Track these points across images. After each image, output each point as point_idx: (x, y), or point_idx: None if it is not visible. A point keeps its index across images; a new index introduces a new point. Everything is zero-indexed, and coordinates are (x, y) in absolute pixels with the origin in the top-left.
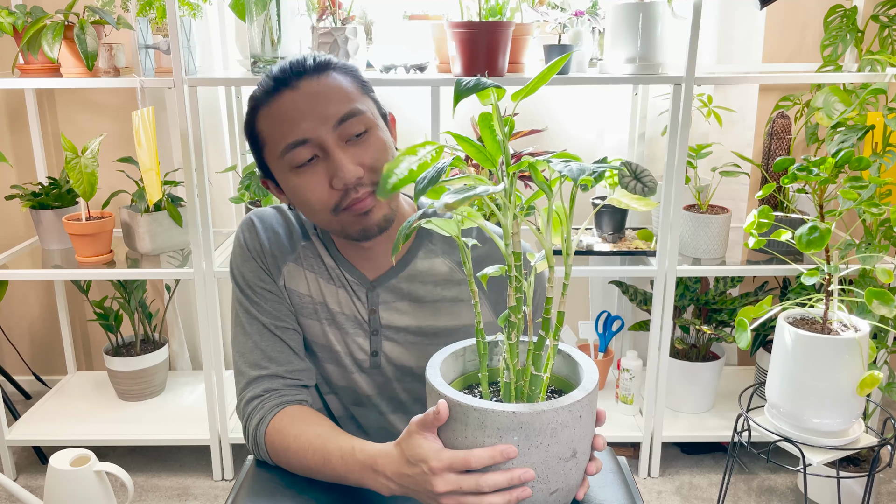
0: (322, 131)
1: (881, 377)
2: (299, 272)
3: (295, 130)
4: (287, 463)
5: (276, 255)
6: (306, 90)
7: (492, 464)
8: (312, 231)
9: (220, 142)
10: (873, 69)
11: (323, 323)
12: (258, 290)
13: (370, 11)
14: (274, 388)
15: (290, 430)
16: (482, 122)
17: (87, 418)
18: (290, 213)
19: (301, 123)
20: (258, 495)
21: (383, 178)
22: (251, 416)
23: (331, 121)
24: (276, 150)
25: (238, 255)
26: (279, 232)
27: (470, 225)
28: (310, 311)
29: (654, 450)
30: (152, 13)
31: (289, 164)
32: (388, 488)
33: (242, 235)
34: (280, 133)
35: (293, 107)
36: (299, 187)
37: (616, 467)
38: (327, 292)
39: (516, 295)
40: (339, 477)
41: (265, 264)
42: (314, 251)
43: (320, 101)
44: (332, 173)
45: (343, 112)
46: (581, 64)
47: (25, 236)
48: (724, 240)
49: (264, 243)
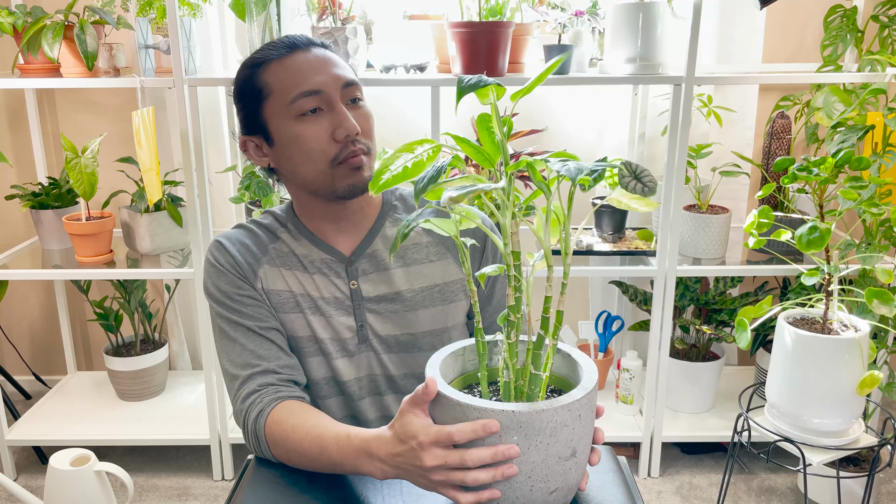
0: (331, 87)
1: (881, 377)
2: (274, 272)
3: (309, 81)
4: (286, 454)
5: (250, 261)
6: (317, 54)
7: (474, 437)
8: (282, 230)
9: (220, 142)
10: (873, 69)
11: (306, 313)
12: (237, 299)
13: (370, 11)
14: (269, 382)
15: (289, 421)
16: (480, 124)
17: (87, 418)
18: (252, 226)
19: (315, 77)
20: (258, 495)
21: (377, 173)
22: (250, 409)
23: (339, 81)
24: (286, 98)
25: (211, 274)
26: (246, 242)
27: (468, 225)
28: (291, 306)
29: (654, 450)
30: (152, 13)
31: (296, 111)
32: (383, 471)
33: (212, 256)
34: (293, 82)
35: (307, 63)
36: (302, 136)
37: (616, 467)
38: (305, 281)
39: (515, 294)
40: (336, 464)
41: (241, 273)
42: (285, 248)
43: (330, 64)
44: (335, 125)
45: (348, 77)
46: (581, 64)
47: (25, 236)
48: (724, 240)
49: (235, 255)
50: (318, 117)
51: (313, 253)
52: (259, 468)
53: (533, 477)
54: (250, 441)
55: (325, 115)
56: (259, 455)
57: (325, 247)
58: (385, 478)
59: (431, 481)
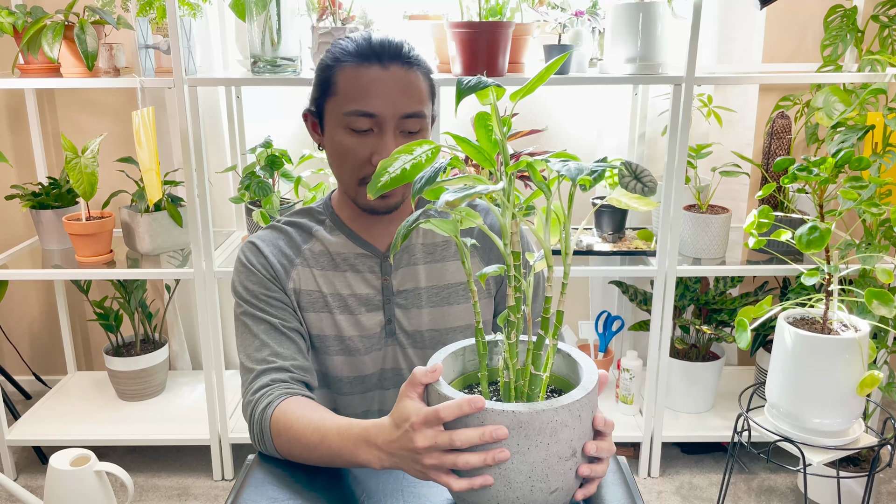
0: (389, 115)
1: (881, 377)
2: (307, 273)
3: (371, 102)
4: (288, 445)
5: (283, 263)
6: (394, 74)
7: (460, 414)
8: (317, 228)
9: (220, 142)
10: (873, 69)
11: (334, 312)
12: (263, 298)
13: (370, 11)
14: (282, 379)
15: (294, 413)
16: (478, 122)
17: (87, 418)
18: (286, 227)
19: (377, 99)
20: (258, 495)
21: (375, 176)
22: (259, 401)
23: (400, 111)
24: (344, 107)
25: (241, 273)
26: (280, 245)
27: (468, 225)
28: (320, 306)
29: (654, 450)
30: (152, 13)
31: (347, 123)
32: (379, 458)
33: (245, 256)
34: (356, 95)
35: (377, 83)
36: (343, 146)
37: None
38: (336, 280)
39: (515, 294)
40: (334, 454)
41: (273, 275)
42: (318, 247)
43: (400, 90)
44: (375, 150)
45: (412, 110)
46: (581, 64)
47: (25, 236)
48: (724, 240)
49: (269, 257)
50: (364, 136)
51: (348, 248)
52: (259, 468)
53: (533, 477)
54: (255, 433)
55: (373, 137)
56: (262, 450)
57: (360, 241)
58: (382, 467)
59: (424, 466)
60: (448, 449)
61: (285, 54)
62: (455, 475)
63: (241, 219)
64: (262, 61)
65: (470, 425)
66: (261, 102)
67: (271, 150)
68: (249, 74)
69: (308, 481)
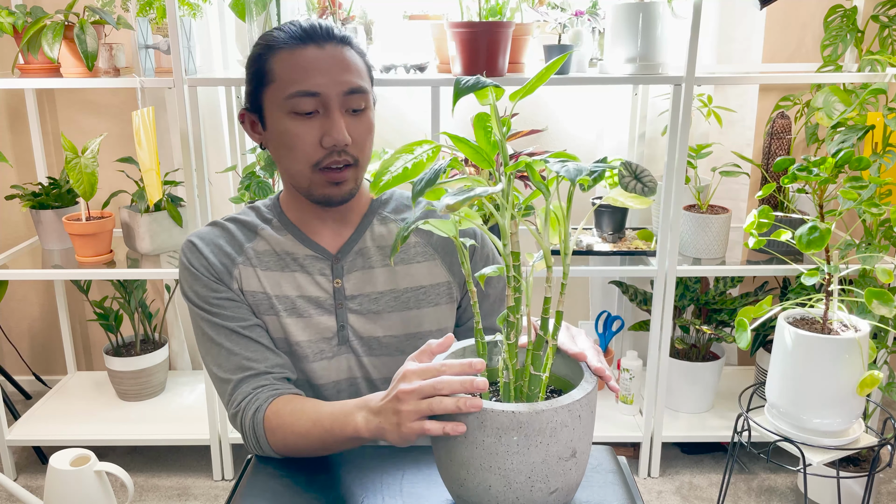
0: (333, 93)
1: (881, 377)
2: (250, 272)
3: (310, 81)
4: (283, 439)
5: (225, 262)
6: (330, 52)
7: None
8: (262, 227)
9: (220, 142)
10: (873, 69)
11: (281, 316)
12: (214, 302)
13: (370, 11)
14: (264, 384)
15: (286, 408)
16: (477, 122)
17: (87, 418)
18: (228, 224)
19: (318, 78)
20: (258, 495)
21: (376, 175)
22: (247, 409)
23: (343, 87)
24: (284, 91)
25: (187, 278)
26: (220, 243)
27: (467, 225)
28: (266, 308)
29: (654, 450)
30: (152, 13)
31: (290, 107)
32: (366, 420)
33: (185, 258)
34: (295, 78)
35: (315, 61)
36: (290, 133)
37: (616, 467)
38: (283, 281)
39: (515, 295)
40: (326, 431)
41: (216, 275)
42: (263, 246)
43: (340, 66)
44: (325, 131)
45: (354, 85)
46: (581, 64)
47: (25, 236)
48: (724, 240)
49: (209, 257)
50: (310, 120)
51: (297, 249)
52: (259, 468)
53: (533, 477)
54: (248, 438)
55: (319, 119)
56: (258, 452)
57: (310, 243)
58: (367, 430)
59: (402, 415)
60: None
61: None
62: (430, 420)
63: None
64: None
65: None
66: None
67: None
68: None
69: (307, 482)
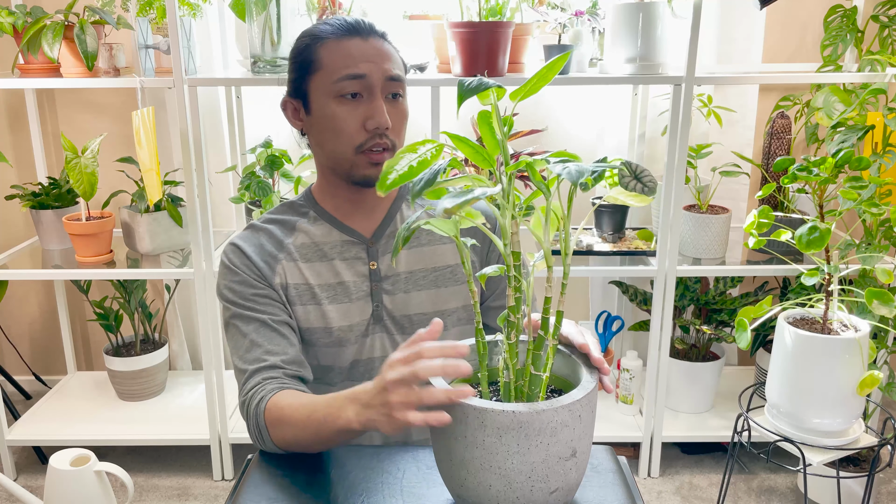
0: (377, 77)
1: (881, 377)
2: (292, 266)
3: (358, 66)
4: (281, 433)
5: (268, 261)
6: (373, 44)
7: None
8: (300, 222)
9: (220, 142)
10: (873, 69)
11: (323, 304)
12: (250, 297)
13: (370, 11)
14: (274, 376)
15: (287, 400)
16: (482, 120)
17: (87, 418)
18: (266, 225)
19: (364, 63)
20: (258, 495)
21: (383, 174)
22: (253, 397)
23: (386, 74)
24: (333, 76)
25: (226, 276)
26: (261, 242)
27: (468, 225)
28: (308, 297)
29: (654, 450)
30: (152, 13)
31: (338, 91)
32: (357, 413)
33: (227, 258)
34: (344, 63)
35: (361, 50)
36: (336, 117)
37: (616, 467)
38: (324, 270)
39: (515, 295)
40: (320, 424)
41: (257, 273)
42: (303, 239)
43: (383, 56)
44: (368, 115)
45: (395, 73)
46: (581, 64)
47: (25, 236)
48: (724, 240)
49: (252, 257)
50: (356, 102)
51: (333, 235)
52: (259, 468)
53: (533, 477)
54: (252, 430)
55: (363, 102)
56: (261, 447)
57: (345, 228)
58: (358, 422)
59: (391, 406)
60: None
61: (285, 54)
62: (412, 412)
63: (241, 219)
64: (262, 61)
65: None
66: (261, 102)
67: (271, 150)
68: (249, 74)
69: (307, 482)
